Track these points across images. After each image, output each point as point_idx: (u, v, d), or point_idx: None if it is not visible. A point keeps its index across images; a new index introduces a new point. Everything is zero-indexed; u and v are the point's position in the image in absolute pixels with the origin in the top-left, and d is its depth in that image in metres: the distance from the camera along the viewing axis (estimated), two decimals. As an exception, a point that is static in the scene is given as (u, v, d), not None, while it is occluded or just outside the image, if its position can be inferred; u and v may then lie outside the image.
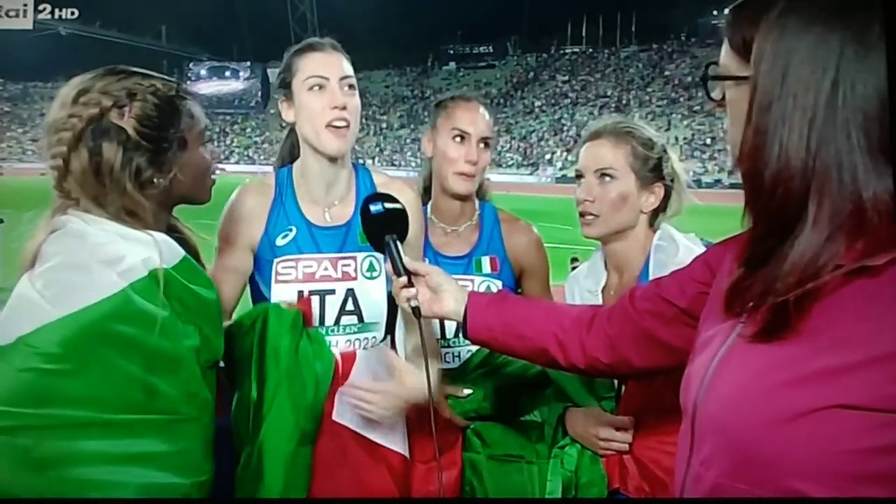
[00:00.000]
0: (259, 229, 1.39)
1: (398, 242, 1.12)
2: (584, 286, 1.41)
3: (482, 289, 1.51)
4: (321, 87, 1.34)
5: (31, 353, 0.93)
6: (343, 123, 1.34)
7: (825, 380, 0.64)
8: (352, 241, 1.40)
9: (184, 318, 1.03)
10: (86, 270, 0.98)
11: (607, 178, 1.33)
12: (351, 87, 1.36)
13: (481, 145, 1.50)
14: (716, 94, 0.80)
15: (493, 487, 1.37)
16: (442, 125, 1.51)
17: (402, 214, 1.15)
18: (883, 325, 0.63)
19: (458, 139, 1.49)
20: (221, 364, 1.28)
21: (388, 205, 1.15)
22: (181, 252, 1.08)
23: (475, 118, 1.50)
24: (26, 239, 1.04)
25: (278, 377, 1.25)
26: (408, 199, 1.33)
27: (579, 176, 1.38)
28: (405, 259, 1.11)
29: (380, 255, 1.41)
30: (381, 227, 1.13)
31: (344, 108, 1.33)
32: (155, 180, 1.06)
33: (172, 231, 1.14)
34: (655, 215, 1.38)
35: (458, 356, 1.51)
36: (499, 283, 1.51)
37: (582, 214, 1.36)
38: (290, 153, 1.49)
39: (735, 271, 0.73)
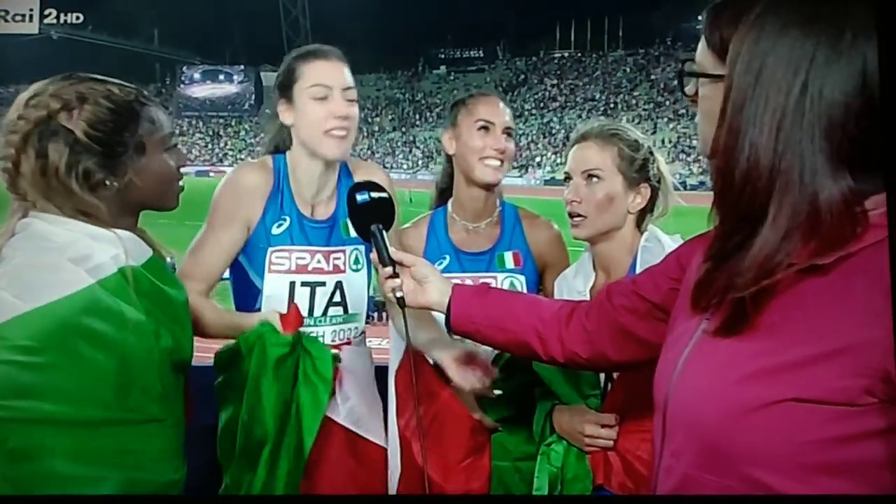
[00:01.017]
0: (259, 209, 1.38)
1: (384, 232, 1.12)
2: (572, 286, 1.42)
3: (506, 285, 1.51)
4: (325, 95, 1.35)
5: (3, 346, 0.91)
6: (343, 133, 1.36)
7: (780, 374, 0.66)
8: (337, 235, 1.41)
9: (155, 317, 1.02)
10: (54, 269, 0.97)
11: (594, 179, 1.34)
12: (352, 97, 1.38)
13: (505, 135, 1.52)
14: (689, 90, 0.82)
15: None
16: (464, 120, 1.52)
17: (387, 203, 1.15)
18: (831, 321, 0.65)
19: (483, 130, 1.50)
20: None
21: (373, 194, 1.14)
22: (148, 250, 1.08)
23: (497, 110, 1.52)
24: None
25: (277, 407, 1.22)
26: (381, 179, 1.35)
27: (568, 178, 1.39)
28: (391, 249, 1.11)
29: (363, 248, 1.41)
30: (366, 216, 1.13)
31: (346, 117, 1.35)
32: (107, 183, 1.04)
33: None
34: (642, 217, 1.39)
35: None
36: (522, 279, 1.52)
37: (570, 216, 1.37)
38: (276, 147, 1.49)
39: (701, 267, 0.75)
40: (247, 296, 1.41)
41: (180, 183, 1.14)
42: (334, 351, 1.32)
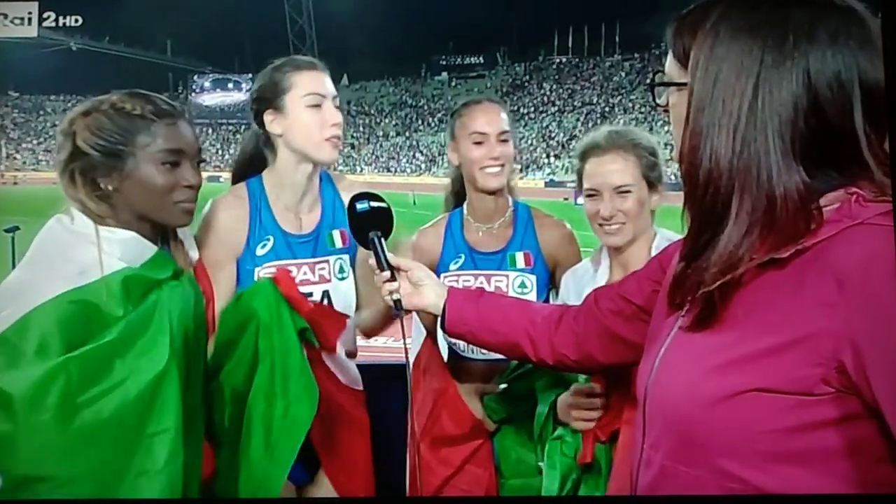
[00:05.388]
0: (241, 242, 1.41)
1: (382, 239, 1.13)
2: (589, 284, 1.39)
3: (516, 283, 1.52)
4: (318, 104, 1.38)
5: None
6: (338, 139, 1.39)
7: (743, 366, 0.67)
8: (322, 246, 1.44)
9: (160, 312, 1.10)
10: (47, 273, 1.05)
11: (626, 193, 1.33)
12: (338, 105, 1.41)
13: (500, 140, 1.52)
14: (662, 100, 0.84)
15: None
16: (460, 133, 1.54)
17: (386, 212, 1.18)
18: (788, 313, 0.66)
19: (477, 143, 1.51)
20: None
21: (373, 203, 1.17)
22: (152, 249, 1.15)
23: (489, 119, 1.53)
24: None
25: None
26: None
27: (592, 193, 1.35)
28: (389, 255, 1.12)
29: (347, 257, 1.45)
30: (365, 224, 1.15)
31: (338, 124, 1.40)
32: (101, 185, 1.12)
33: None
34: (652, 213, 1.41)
35: None
36: (533, 278, 1.53)
37: (602, 226, 1.34)
38: (251, 163, 1.50)
39: (676, 267, 0.77)
40: None
41: (182, 200, 1.16)
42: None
